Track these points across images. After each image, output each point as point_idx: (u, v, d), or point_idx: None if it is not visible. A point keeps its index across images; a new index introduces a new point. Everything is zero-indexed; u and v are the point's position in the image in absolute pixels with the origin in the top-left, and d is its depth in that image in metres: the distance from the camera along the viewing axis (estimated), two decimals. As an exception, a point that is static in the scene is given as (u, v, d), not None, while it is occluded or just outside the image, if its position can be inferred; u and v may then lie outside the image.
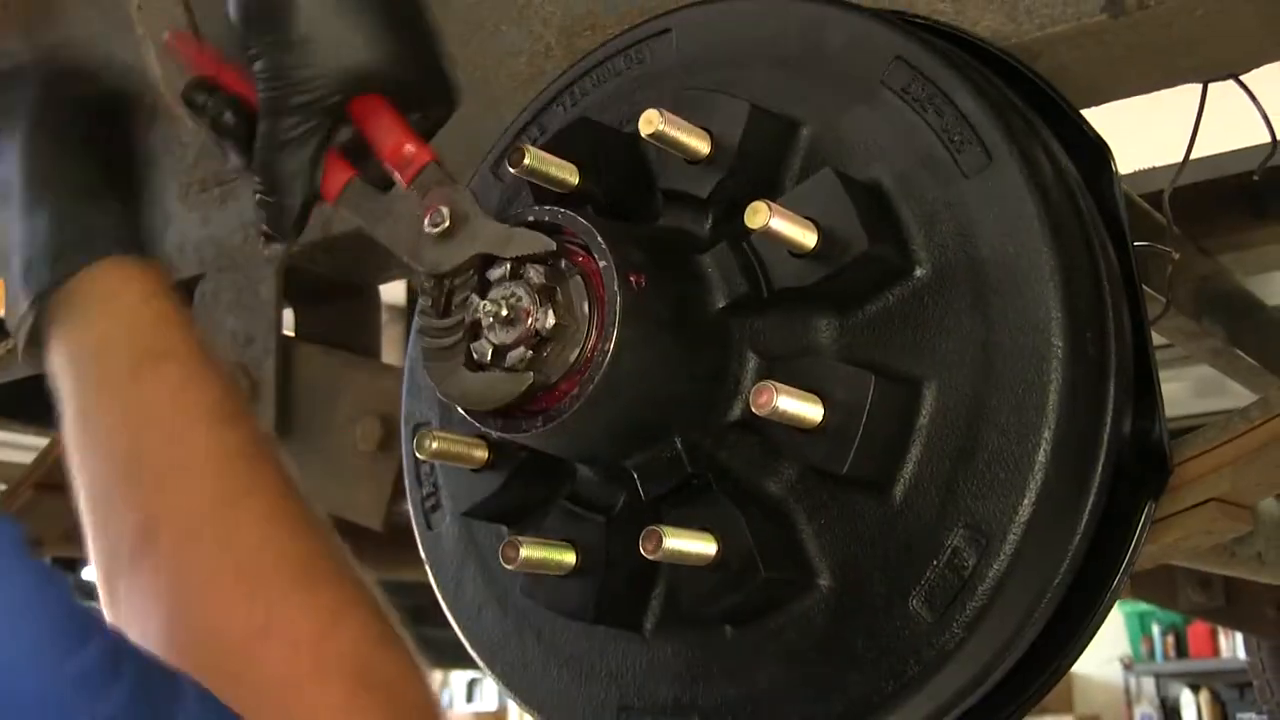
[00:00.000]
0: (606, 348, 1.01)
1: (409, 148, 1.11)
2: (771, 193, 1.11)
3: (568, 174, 1.14)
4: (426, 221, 1.07)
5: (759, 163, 1.11)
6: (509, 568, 1.08)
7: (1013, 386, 1.00)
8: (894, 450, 1.02)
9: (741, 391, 1.09)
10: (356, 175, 1.11)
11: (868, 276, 1.05)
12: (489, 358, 1.05)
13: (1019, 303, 1.00)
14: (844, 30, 1.13)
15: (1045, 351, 0.99)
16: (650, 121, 1.09)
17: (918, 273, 1.05)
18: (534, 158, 1.11)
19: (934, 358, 1.03)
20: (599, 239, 1.03)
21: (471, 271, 1.07)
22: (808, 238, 1.04)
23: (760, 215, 1.02)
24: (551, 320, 1.03)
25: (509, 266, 1.06)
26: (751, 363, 1.10)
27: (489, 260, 1.07)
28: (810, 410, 1.01)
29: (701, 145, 1.10)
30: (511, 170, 1.11)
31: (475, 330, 1.06)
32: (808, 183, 1.08)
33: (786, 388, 1.00)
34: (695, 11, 1.23)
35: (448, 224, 1.06)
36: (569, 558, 1.11)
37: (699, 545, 1.03)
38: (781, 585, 1.04)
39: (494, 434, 1.07)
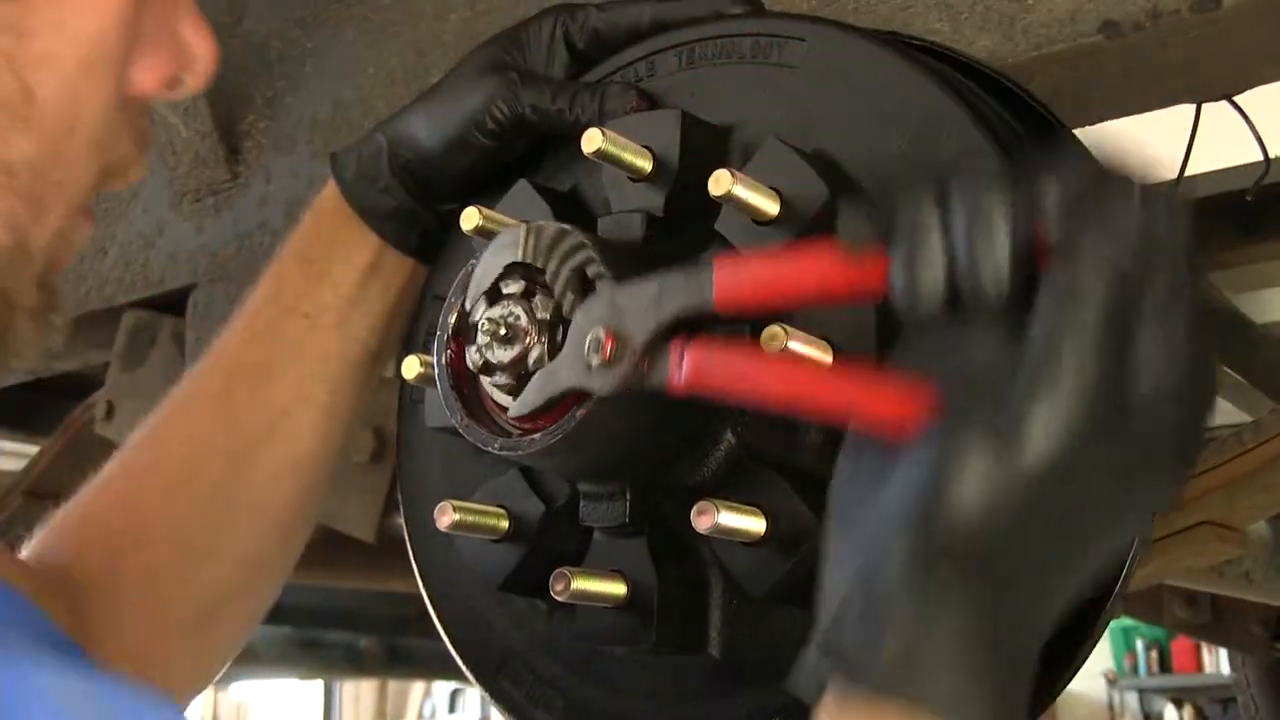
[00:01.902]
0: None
1: None
2: None
3: (642, 161, 1.11)
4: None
5: (820, 239, 1.04)
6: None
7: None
8: None
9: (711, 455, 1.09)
10: None
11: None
12: (479, 367, 1.04)
13: None
14: (958, 140, 1.05)
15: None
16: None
17: None
18: (609, 142, 1.08)
19: None
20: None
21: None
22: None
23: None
24: (545, 359, 1.02)
25: (523, 284, 1.06)
26: (726, 444, 1.09)
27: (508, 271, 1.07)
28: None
29: (772, 206, 1.05)
30: (583, 150, 1.08)
31: (473, 334, 1.05)
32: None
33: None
34: (834, 33, 1.15)
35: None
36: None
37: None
38: None
39: (494, 450, 1.06)
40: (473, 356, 1.06)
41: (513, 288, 1.05)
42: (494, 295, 1.06)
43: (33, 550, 1.29)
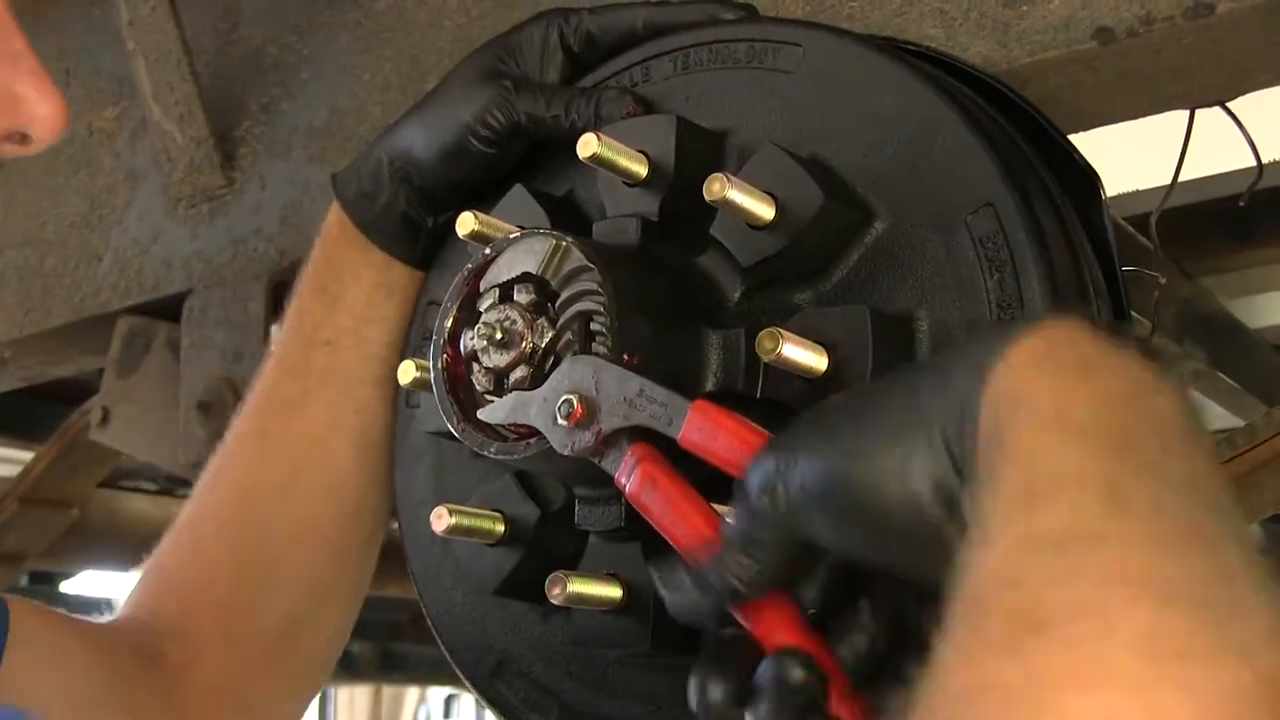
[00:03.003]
0: None
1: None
2: (819, 277, 1.08)
3: (637, 166, 1.11)
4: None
5: (815, 243, 1.06)
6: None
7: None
8: None
9: None
10: None
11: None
12: (491, 386, 1.05)
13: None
14: (953, 144, 1.05)
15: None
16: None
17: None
18: (605, 147, 1.08)
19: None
20: (613, 309, 1.01)
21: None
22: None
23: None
24: (548, 334, 1.03)
25: (498, 292, 1.06)
26: None
27: (474, 293, 1.08)
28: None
29: (767, 211, 1.05)
30: (579, 155, 1.08)
31: (471, 361, 1.06)
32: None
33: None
34: (829, 38, 1.14)
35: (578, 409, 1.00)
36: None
37: None
38: None
39: (490, 454, 1.07)
40: (467, 341, 1.07)
41: (523, 297, 1.05)
42: (505, 294, 1.07)
43: (124, 608, 1.35)
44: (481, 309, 1.07)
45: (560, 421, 0.99)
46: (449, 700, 11.40)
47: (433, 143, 1.25)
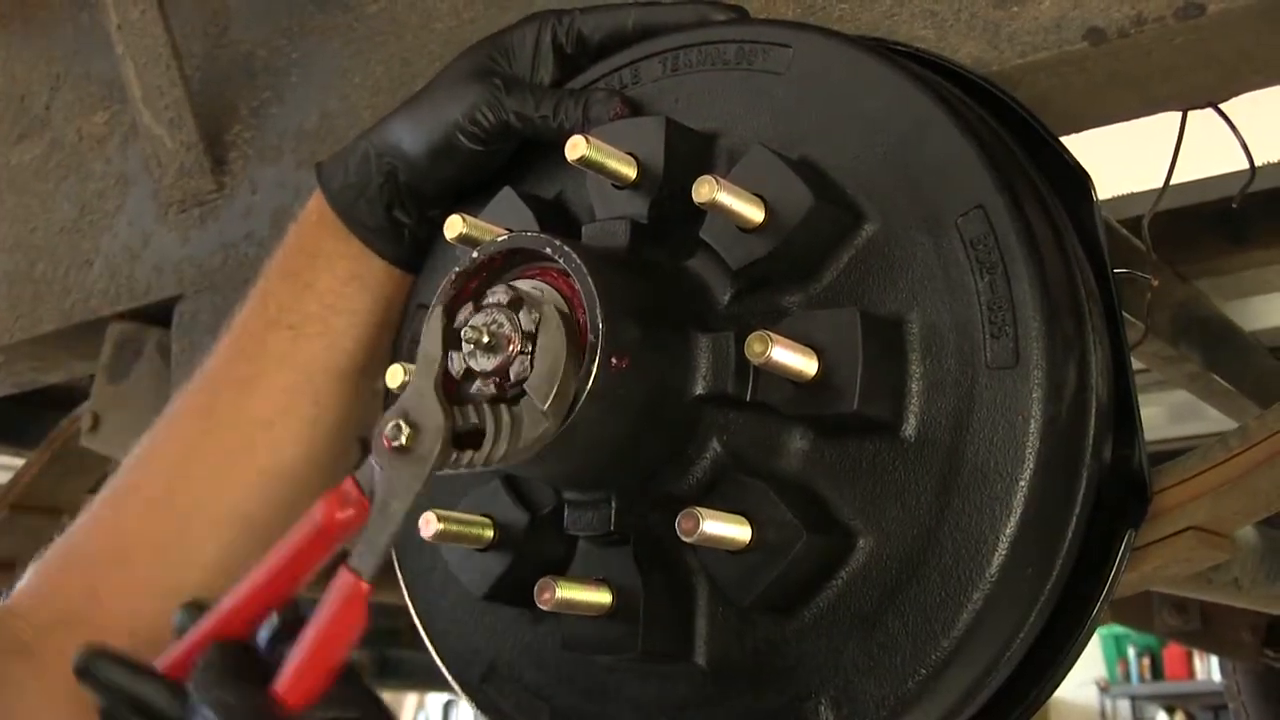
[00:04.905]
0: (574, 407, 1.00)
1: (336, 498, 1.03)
2: (809, 280, 1.07)
3: (626, 168, 1.10)
4: (388, 442, 0.98)
5: (805, 245, 1.06)
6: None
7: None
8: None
9: (697, 464, 1.09)
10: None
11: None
12: (460, 376, 1.03)
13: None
14: (943, 146, 1.05)
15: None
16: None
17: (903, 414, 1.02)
18: (594, 149, 1.08)
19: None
20: (598, 311, 1.00)
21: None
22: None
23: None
24: (528, 370, 1.01)
25: (504, 293, 1.05)
26: (712, 452, 1.09)
27: (491, 278, 1.06)
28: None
29: (756, 213, 1.05)
30: (567, 157, 1.08)
31: (455, 340, 1.04)
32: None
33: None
34: (819, 39, 1.14)
35: (405, 436, 0.99)
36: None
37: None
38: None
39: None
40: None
41: (468, 332, 1.03)
42: (514, 301, 1.05)
43: (19, 588, 1.30)
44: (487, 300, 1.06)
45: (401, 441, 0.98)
46: (447, 706, 11.39)
47: (421, 138, 1.24)
